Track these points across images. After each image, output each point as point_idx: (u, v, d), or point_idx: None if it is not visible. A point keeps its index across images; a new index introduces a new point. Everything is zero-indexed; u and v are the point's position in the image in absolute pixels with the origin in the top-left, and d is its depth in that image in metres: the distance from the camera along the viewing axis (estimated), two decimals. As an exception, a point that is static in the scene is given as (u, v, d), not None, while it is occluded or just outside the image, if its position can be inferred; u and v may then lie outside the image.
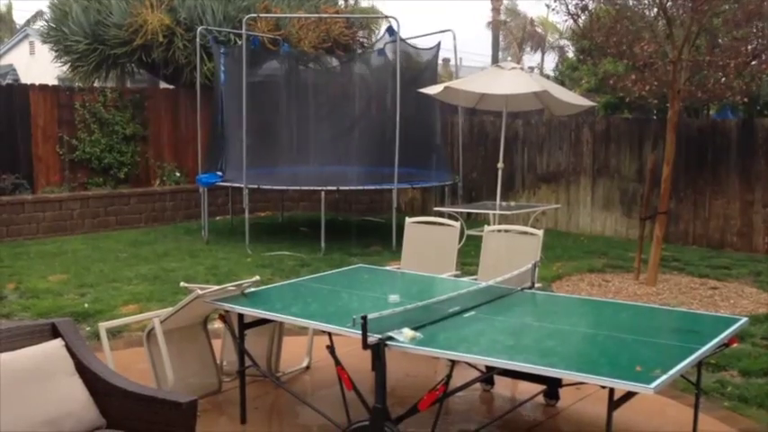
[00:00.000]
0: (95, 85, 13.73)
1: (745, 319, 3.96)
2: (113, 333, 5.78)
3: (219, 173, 10.95)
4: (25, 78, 22.16)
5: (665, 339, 3.64)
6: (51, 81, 14.70)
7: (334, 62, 13.68)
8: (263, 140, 11.17)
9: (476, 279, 5.27)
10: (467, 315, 3.96)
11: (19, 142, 11.56)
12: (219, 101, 11.34)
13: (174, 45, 12.61)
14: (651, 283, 7.89)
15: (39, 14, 19.27)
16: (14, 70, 27.34)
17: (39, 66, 22.33)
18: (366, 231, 11.53)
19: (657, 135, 10.48)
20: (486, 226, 5.93)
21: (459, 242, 5.90)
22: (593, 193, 11.53)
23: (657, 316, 4.41)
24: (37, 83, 12.20)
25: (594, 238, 11.15)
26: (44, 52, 16.72)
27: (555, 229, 11.52)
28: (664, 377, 2.95)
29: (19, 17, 36.54)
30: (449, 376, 3.44)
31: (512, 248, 5.47)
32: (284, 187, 11.66)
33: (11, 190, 10.94)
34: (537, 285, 4.74)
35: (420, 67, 11.91)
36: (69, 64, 13.89)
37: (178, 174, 12.94)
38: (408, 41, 11.61)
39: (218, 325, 5.29)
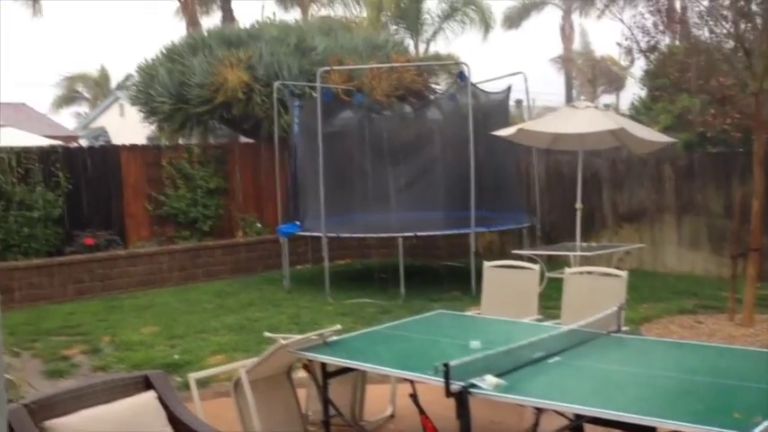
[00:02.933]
0: (180, 142, 14.36)
1: None
2: (202, 383, 5.92)
3: (299, 223, 11.19)
4: (116, 139, 23.40)
5: (766, 384, 3.46)
6: (140, 141, 15.47)
7: (407, 109, 13.88)
8: (339, 189, 11.38)
9: (559, 323, 5.16)
10: (551, 360, 3.88)
11: (112, 200, 12.17)
12: (295, 152, 11.65)
13: (253, 101, 13.08)
14: (747, 324, 7.53)
15: (128, 78, 20.46)
16: (106, 132, 28.88)
17: (128, 127, 23.52)
18: (445, 276, 11.48)
19: (744, 169, 10.09)
20: (566, 268, 5.84)
21: (540, 285, 5.81)
22: (679, 230, 11.16)
23: (756, 359, 4.21)
24: (127, 143, 12.87)
25: (683, 277, 10.75)
26: (133, 114, 17.64)
27: (640, 270, 11.17)
28: (765, 424, 2.81)
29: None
30: (536, 424, 3.37)
31: (595, 291, 5.35)
32: (362, 235, 11.80)
33: (105, 246, 11.48)
34: (624, 329, 4.61)
35: (492, 110, 11.94)
36: (156, 124, 14.60)
37: (259, 225, 13.29)
38: (479, 85, 11.67)
39: (302, 374, 5.36)
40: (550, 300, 7.10)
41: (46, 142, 12.88)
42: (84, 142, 25.65)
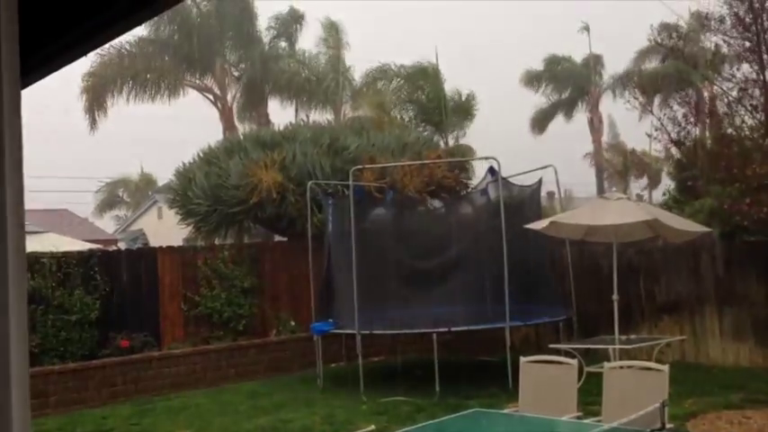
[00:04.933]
0: (216, 242, 14.60)
1: None
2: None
3: (332, 320, 11.14)
4: (154, 241, 23.89)
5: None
6: (177, 242, 15.77)
7: (439, 204, 13.99)
8: (373, 285, 11.35)
9: (600, 421, 5.00)
10: (593, 461, 3.73)
11: (147, 302, 12.26)
12: (329, 249, 11.74)
13: (287, 200, 13.33)
14: (800, 418, 7.18)
15: (168, 183, 21.17)
16: (144, 235, 29.55)
17: (166, 229, 24.06)
18: (481, 372, 11.23)
19: (785, 256, 9.90)
20: (606, 363, 5.69)
21: (579, 380, 5.66)
22: (721, 321, 10.84)
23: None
24: (164, 245, 13.11)
25: (728, 370, 10.36)
26: (170, 216, 18.09)
27: (683, 362, 10.81)
28: None
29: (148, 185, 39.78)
30: None
31: (636, 386, 5.19)
32: (396, 332, 11.68)
33: (140, 348, 11.50)
34: (668, 426, 4.43)
35: (524, 203, 11.99)
36: (193, 225, 14.91)
37: (293, 323, 13.23)
38: (510, 179, 11.78)
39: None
40: (590, 395, 6.88)
41: (85, 246, 13.19)
42: (122, 245, 26.23)
